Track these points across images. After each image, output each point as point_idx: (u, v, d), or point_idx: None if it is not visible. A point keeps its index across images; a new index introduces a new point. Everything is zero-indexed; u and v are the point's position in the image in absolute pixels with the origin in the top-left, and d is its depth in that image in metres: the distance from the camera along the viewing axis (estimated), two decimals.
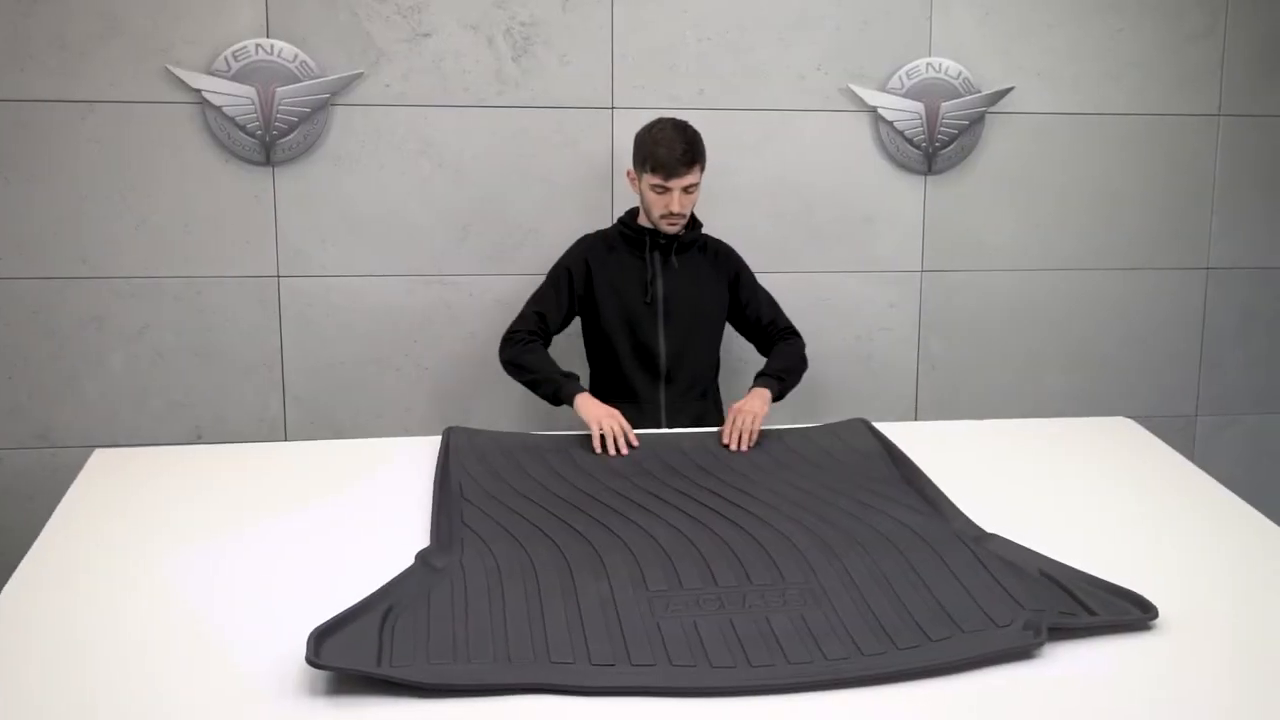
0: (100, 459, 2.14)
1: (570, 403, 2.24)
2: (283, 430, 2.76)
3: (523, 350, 2.38)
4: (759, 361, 2.90)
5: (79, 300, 2.64)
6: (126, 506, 1.93)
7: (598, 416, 2.16)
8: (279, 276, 2.70)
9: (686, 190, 2.32)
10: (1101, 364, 3.05)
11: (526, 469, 2.08)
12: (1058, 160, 2.92)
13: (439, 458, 2.10)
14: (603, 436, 2.13)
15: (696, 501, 1.96)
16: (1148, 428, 3.03)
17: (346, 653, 1.44)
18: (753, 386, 2.32)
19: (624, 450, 2.13)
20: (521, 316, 2.43)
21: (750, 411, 2.19)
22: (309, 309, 2.73)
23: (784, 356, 2.45)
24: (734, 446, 2.16)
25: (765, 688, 1.44)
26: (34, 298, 2.63)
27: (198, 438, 2.73)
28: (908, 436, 2.25)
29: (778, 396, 2.34)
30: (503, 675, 1.43)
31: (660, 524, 1.86)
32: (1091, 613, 1.59)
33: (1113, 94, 2.90)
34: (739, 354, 2.91)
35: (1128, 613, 1.60)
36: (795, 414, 2.86)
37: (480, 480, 2.02)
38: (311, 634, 1.44)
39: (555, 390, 2.29)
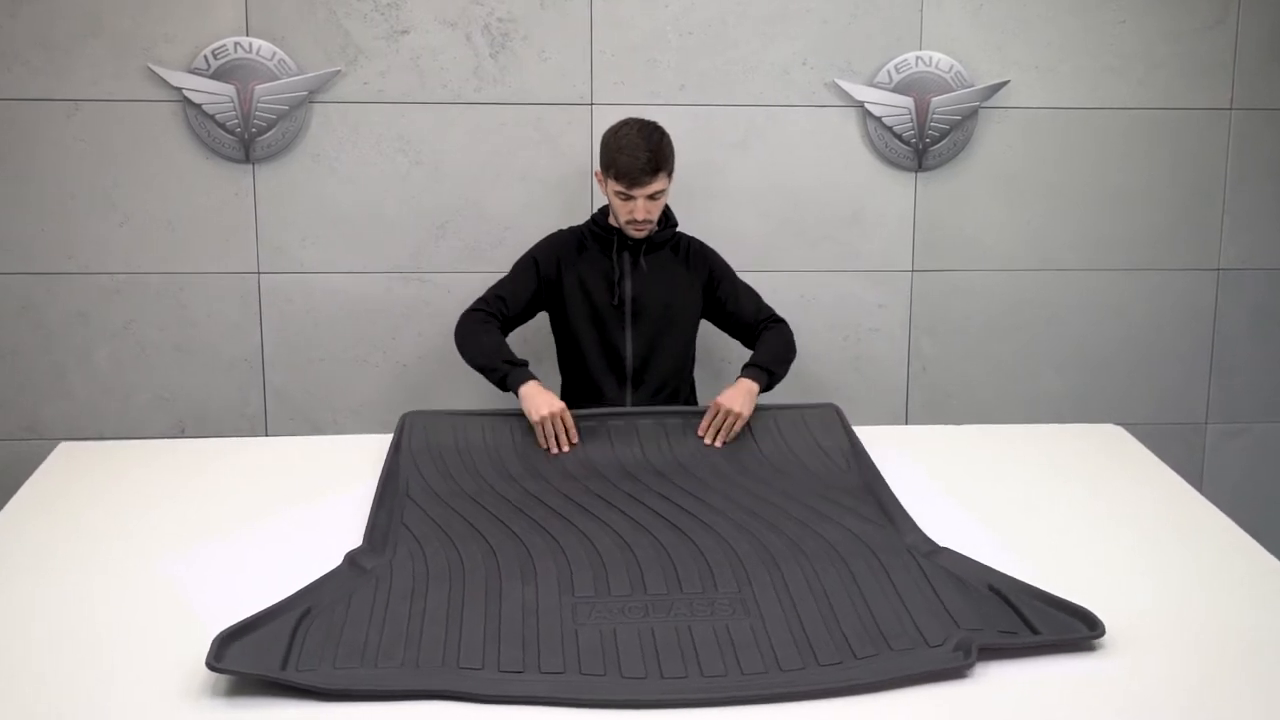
0: (65, 451, 2.18)
1: (515, 392, 2.18)
2: (264, 425, 2.78)
3: (477, 329, 2.31)
4: (737, 364, 2.84)
5: (66, 295, 2.69)
6: (79, 500, 1.95)
7: (538, 410, 2.11)
8: (259, 273, 2.72)
9: (651, 197, 2.27)
10: (1103, 368, 2.94)
11: (479, 469, 2.06)
12: (1055, 156, 2.82)
13: (390, 450, 2.09)
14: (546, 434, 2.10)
15: (644, 506, 1.92)
16: (1155, 435, 2.93)
17: (252, 656, 1.43)
18: (740, 376, 2.25)
19: (564, 448, 2.10)
20: (481, 298, 2.38)
21: (736, 412, 2.14)
22: (289, 305, 2.74)
23: (770, 346, 2.36)
24: (708, 441, 2.13)
25: (673, 700, 1.41)
26: (22, 292, 2.68)
27: (181, 432, 2.76)
28: (886, 440, 2.21)
29: (766, 388, 2.27)
30: (407, 681, 1.42)
31: (602, 529, 1.83)
32: (1035, 631, 1.53)
33: (1115, 88, 2.79)
34: (723, 354, 2.86)
35: (1074, 630, 1.54)
36: None
37: (429, 479, 2.01)
38: (216, 637, 1.44)
39: (502, 378, 2.22)
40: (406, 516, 1.87)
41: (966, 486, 2.05)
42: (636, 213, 2.27)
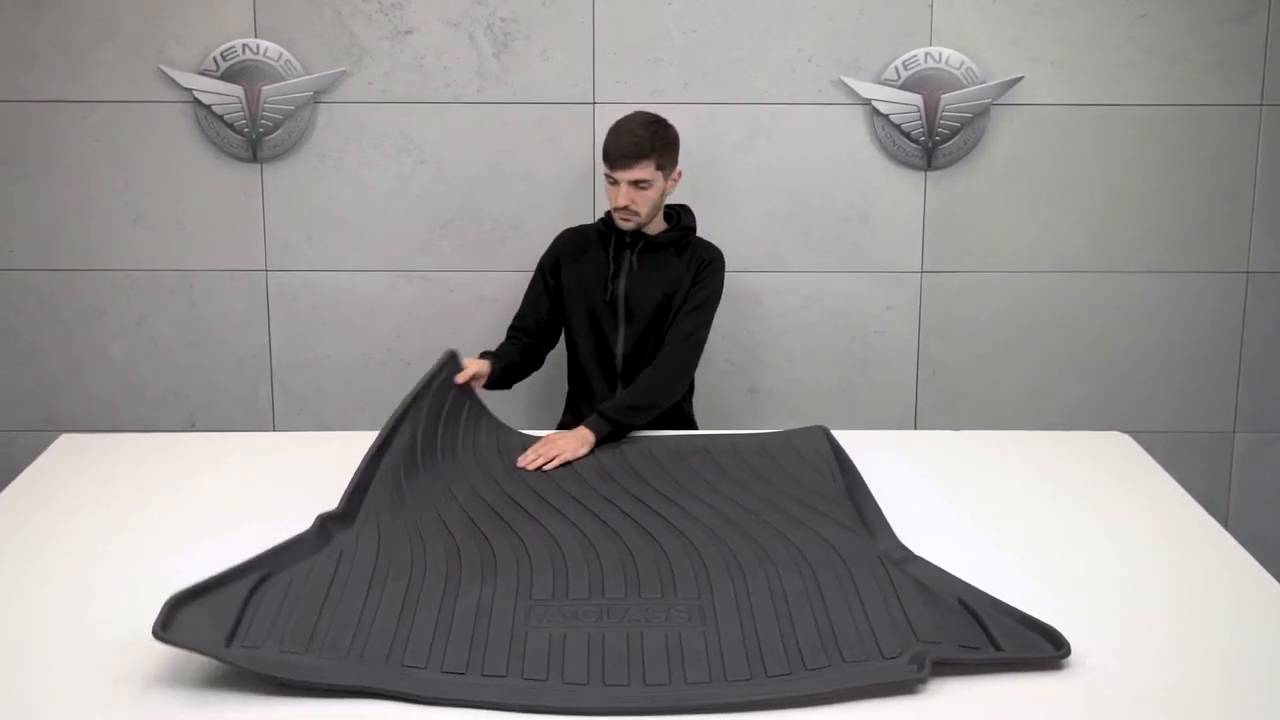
0: (65, 443, 2.22)
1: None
2: (271, 420, 2.83)
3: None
4: (747, 365, 2.83)
5: (82, 291, 2.76)
6: (75, 491, 1.98)
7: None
8: (267, 270, 2.76)
9: (637, 186, 2.24)
10: (1122, 374, 2.84)
11: (461, 459, 2.03)
12: (1071, 155, 2.73)
13: (421, 383, 2.06)
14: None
15: (616, 509, 1.90)
16: (1179, 444, 2.83)
17: (201, 625, 1.42)
18: (584, 422, 2.13)
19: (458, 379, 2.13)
20: (513, 319, 2.45)
21: (560, 447, 2.05)
22: (295, 303, 2.78)
23: (640, 385, 2.22)
24: (521, 463, 2.03)
25: (611, 709, 1.39)
26: (42, 288, 2.76)
27: (191, 426, 2.82)
28: (882, 444, 2.17)
29: (606, 440, 2.12)
30: (348, 676, 1.41)
31: (570, 531, 1.82)
32: (998, 647, 1.48)
33: (1135, 83, 2.69)
34: (728, 355, 2.84)
35: (1038, 648, 1.48)
36: (785, 419, 2.77)
37: (422, 443, 1.98)
38: (168, 600, 1.43)
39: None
40: (383, 487, 1.85)
41: (959, 493, 1.99)
42: (619, 198, 2.25)
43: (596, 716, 1.37)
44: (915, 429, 2.83)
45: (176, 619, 1.42)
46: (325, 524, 1.71)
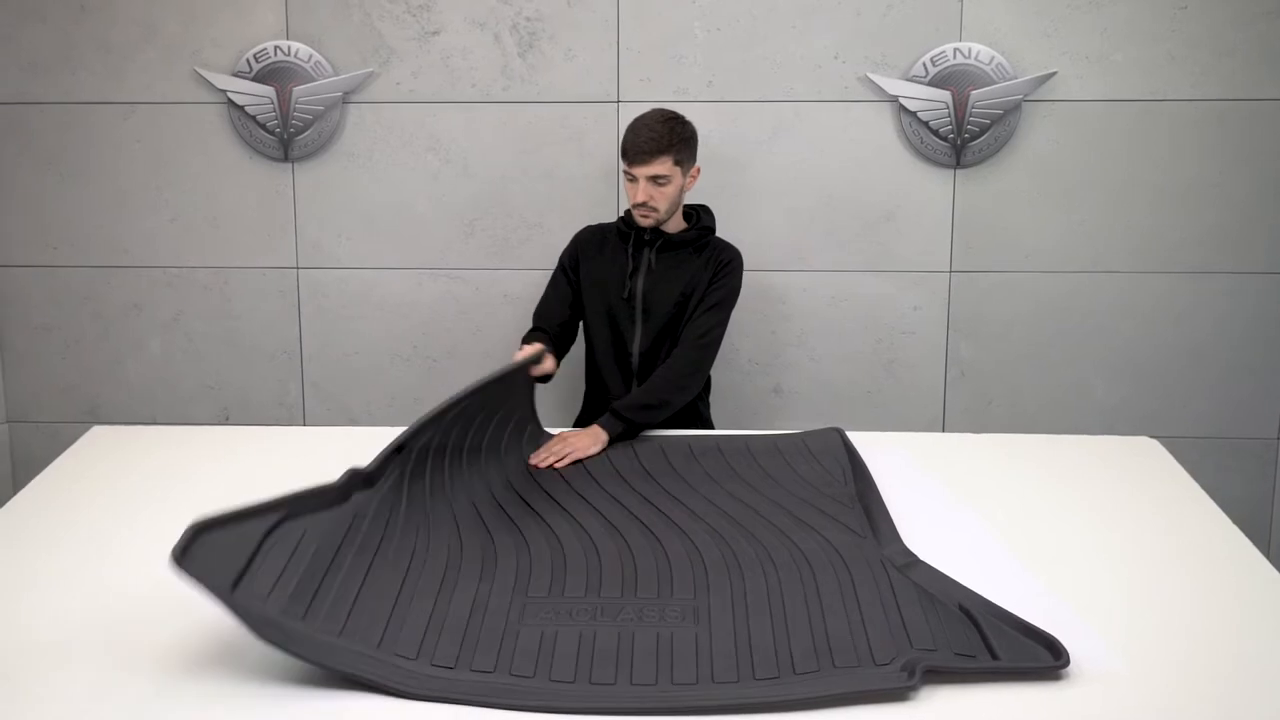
0: (96, 434, 2.29)
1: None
2: (301, 415, 2.88)
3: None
4: (771, 365, 2.81)
5: (122, 288, 2.84)
6: (100, 482, 2.04)
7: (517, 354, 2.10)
8: (298, 268, 2.82)
9: (655, 181, 2.24)
10: (1159, 377, 2.76)
11: (483, 455, 2.02)
12: (1107, 152, 2.66)
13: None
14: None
15: (623, 508, 1.90)
16: (1219, 450, 2.75)
17: (215, 558, 1.41)
18: (598, 421, 2.13)
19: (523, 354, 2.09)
20: (533, 315, 2.42)
21: (573, 445, 2.05)
22: (325, 299, 2.83)
23: (654, 384, 2.22)
24: (533, 461, 2.03)
25: (595, 708, 1.38)
26: (83, 285, 2.85)
27: (225, 419, 2.89)
28: (902, 447, 2.14)
29: (620, 438, 2.12)
30: (337, 659, 1.40)
31: (572, 529, 1.82)
32: (995, 656, 1.45)
33: (1174, 78, 2.61)
34: (751, 355, 2.82)
35: (1036, 657, 1.45)
36: (810, 420, 2.75)
37: (464, 432, 1.96)
38: (190, 526, 1.40)
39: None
40: (413, 460, 1.83)
41: (973, 497, 1.95)
42: (637, 194, 2.25)
43: (580, 715, 1.37)
44: (944, 431, 2.78)
45: (195, 547, 1.39)
46: (352, 478, 1.69)
